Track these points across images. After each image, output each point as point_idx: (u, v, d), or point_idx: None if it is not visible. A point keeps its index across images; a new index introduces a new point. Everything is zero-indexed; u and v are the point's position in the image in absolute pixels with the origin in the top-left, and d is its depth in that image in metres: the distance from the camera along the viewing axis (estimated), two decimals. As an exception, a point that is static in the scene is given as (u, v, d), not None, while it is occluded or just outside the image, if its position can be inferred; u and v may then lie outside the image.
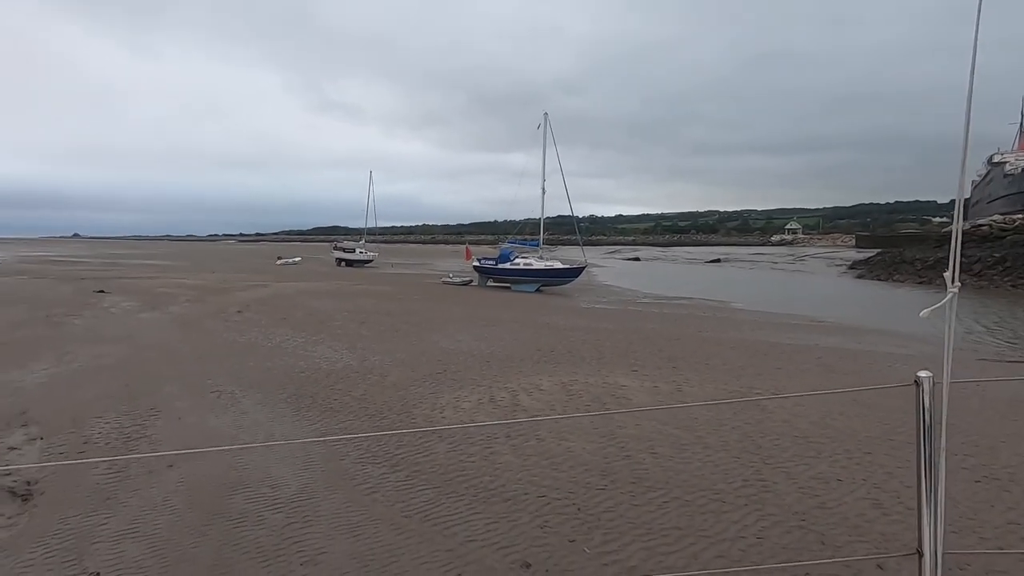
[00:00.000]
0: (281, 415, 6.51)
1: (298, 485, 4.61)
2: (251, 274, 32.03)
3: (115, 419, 6.24)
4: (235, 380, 7.97)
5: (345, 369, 8.78)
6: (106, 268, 35.27)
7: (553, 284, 26.90)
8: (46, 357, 9.20)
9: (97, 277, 26.89)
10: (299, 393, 7.38)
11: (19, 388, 7.38)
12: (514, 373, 8.65)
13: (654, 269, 53.92)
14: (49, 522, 4.02)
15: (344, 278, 30.77)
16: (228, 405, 6.84)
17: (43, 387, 7.48)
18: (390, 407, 6.83)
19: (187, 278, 27.52)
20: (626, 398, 7.37)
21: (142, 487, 4.57)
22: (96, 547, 3.69)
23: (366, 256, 45.64)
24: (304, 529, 3.92)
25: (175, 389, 7.46)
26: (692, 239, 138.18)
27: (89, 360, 9.06)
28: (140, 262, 44.99)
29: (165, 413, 6.48)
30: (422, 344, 11.00)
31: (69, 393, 7.21)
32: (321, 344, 10.76)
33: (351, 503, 4.32)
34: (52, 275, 27.97)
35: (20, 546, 3.72)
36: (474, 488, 4.61)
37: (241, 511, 4.16)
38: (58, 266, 36.62)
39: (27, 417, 6.24)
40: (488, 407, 6.89)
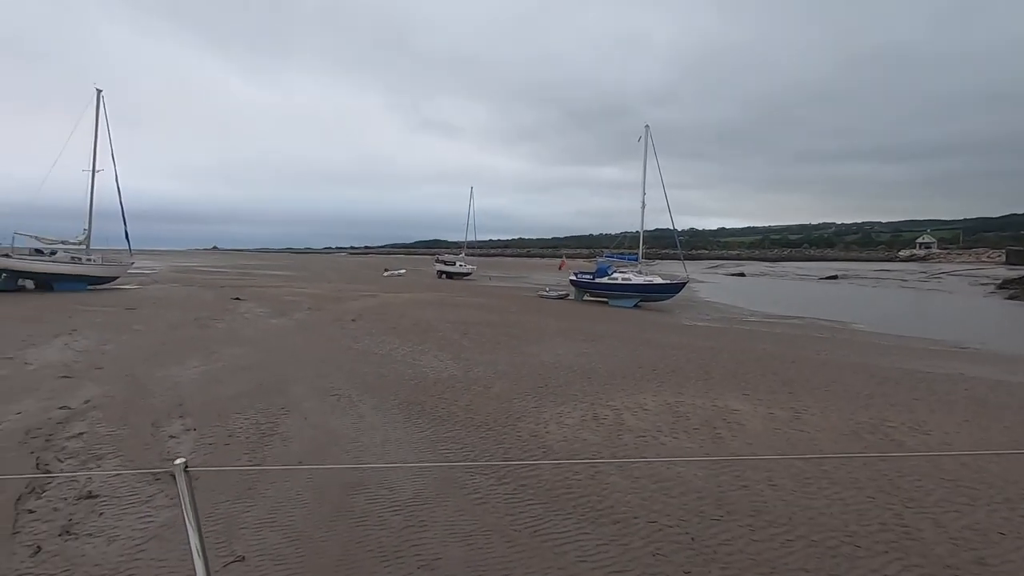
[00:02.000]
0: (394, 420, 6.86)
1: (413, 490, 4.83)
2: (362, 284, 34.27)
3: (252, 415, 6.92)
4: (352, 384, 8.54)
5: (451, 379, 9.09)
6: (240, 277, 39.38)
7: (652, 300, 26.15)
8: (197, 356, 10.43)
9: (233, 285, 30.09)
10: (409, 400, 7.75)
11: (177, 383, 8.42)
12: (616, 390, 8.50)
13: (761, 285, 50.66)
14: (203, 505, 4.52)
15: (445, 290, 31.99)
16: (347, 408, 7.33)
17: (195, 383, 8.47)
18: (495, 419, 6.97)
19: (307, 287, 30.00)
20: (739, 423, 6.96)
21: (278, 480, 5.02)
22: (242, 532, 4.10)
23: (465, 269, 47.17)
24: (421, 533, 4.09)
25: (301, 390, 8.13)
26: (804, 254, 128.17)
27: (230, 360, 10.15)
28: (267, 272, 49.73)
29: (293, 412, 7.08)
30: (522, 357, 11.14)
31: (215, 389, 8.11)
32: (427, 353, 11.24)
33: (463, 512, 4.45)
34: (197, 283, 31.72)
35: (180, 526, 4.21)
36: (581, 507, 4.57)
37: (364, 510, 4.43)
38: (201, 275, 41.46)
39: (183, 409, 7.10)
40: (592, 425, 6.81)
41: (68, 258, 25.08)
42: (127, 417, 6.72)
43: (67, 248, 25.48)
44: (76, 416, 6.70)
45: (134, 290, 25.87)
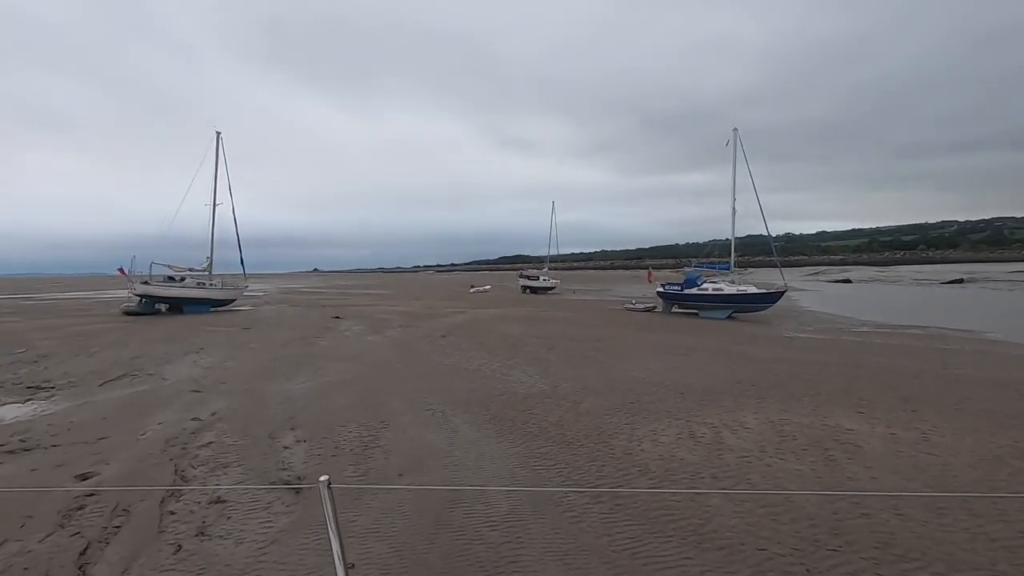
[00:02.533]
0: (487, 435, 6.98)
1: (508, 506, 4.87)
2: (449, 301, 35.34)
3: (355, 428, 7.32)
4: (445, 399, 8.80)
5: (539, 394, 9.12)
6: (338, 297, 42.00)
7: (747, 310, 24.78)
8: (304, 372, 11.23)
9: (333, 305, 32.14)
10: (500, 415, 7.86)
11: (289, 397, 9.10)
12: (713, 407, 8.12)
13: (871, 292, 46.45)
14: (316, 514, 4.83)
15: (530, 305, 32.21)
16: (441, 423, 7.56)
17: (304, 397, 9.11)
18: (586, 435, 6.89)
19: (399, 305, 31.41)
20: (854, 445, 6.40)
21: (380, 492, 5.26)
22: (350, 541, 4.33)
23: (549, 283, 47.28)
24: (518, 550, 4.12)
25: (399, 405, 8.50)
26: (920, 256, 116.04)
27: (334, 375, 10.83)
28: (362, 292, 52.66)
29: (392, 426, 7.41)
30: (612, 372, 10.95)
31: (322, 403, 8.68)
32: (515, 369, 11.36)
33: (559, 530, 4.42)
34: (302, 304, 34.20)
35: (297, 531, 4.54)
36: (682, 530, 4.39)
37: (462, 524, 4.54)
38: (304, 296, 44.65)
39: (295, 422, 7.66)
40: (688, 443, 6.54)
41: (195, 284, 28.06)
42: (247, 428, 7.35)
43: (193, 274, 28.51)
44: (205, 427, 7.43)
45: (248, 311, 28.37)
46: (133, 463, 6.08)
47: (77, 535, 4.42)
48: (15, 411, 8.33)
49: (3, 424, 7.63)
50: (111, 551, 4.19)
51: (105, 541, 4.34)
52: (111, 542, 4.33)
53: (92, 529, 4.52)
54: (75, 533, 4.45)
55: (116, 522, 4.65)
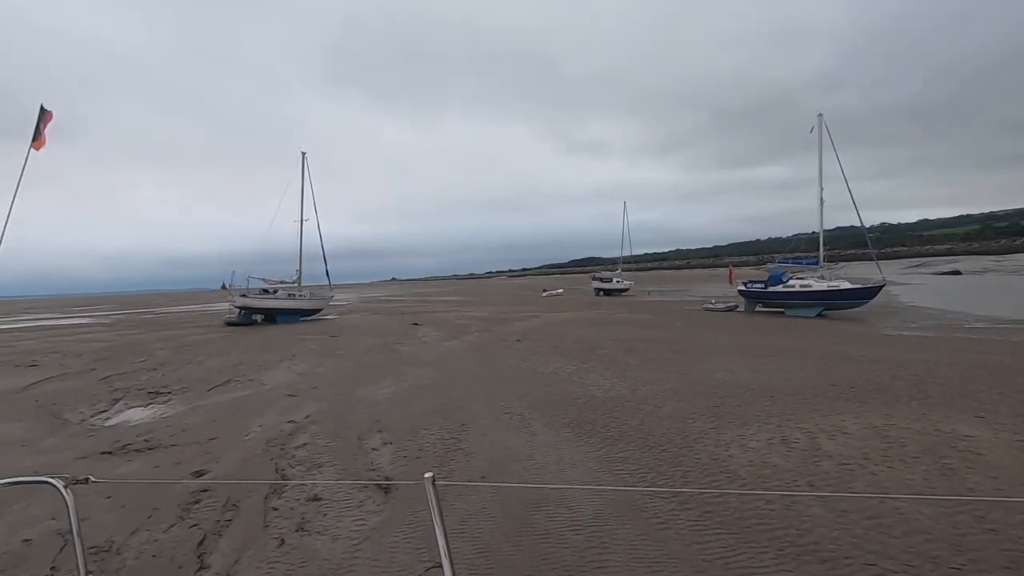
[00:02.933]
0: (566, 439, 6.95)
1: (592, 510, 4.82)
2: (523, 306, 35.57)
3: (437, 431, 7.53)
4: (523, 403, 8.85)
5: (618, 398, 8.96)
6: (416, 304, 43.45)
7: (840, 307, 23.11)
8: (387, 377, 11.70)
9: (411, 312, 33.28)
10: (579, 419, 7.80)
11: (375, 401, 9.52)
12: (807, 411, 7.64)
13: (986, 284, 41.93)
14: (403, 514, 5.01)
15: (605, 307, 31.79)
16: (520, 426, 7.62)
17: (388, 401, 9.49)
18: (670, 440, 6.69)
19: (474, 311, 32.02)
20: (975, 452, 5.79)
21: (464, 493, 5.37)
22: (438, 540, 4.45)
23: (623, 285, 46.46)
24: (604, 555, 4.06)
25: (478, 408, 8.65)
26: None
27: (415, 380, 11.21)
28: (438, 298, 54.16)
29: (473, 429, 7.55)
30: (693, 374, 10.57)
31: (405, 407, 9.00)
32: (592, 372, 11.24)
33: (645, 536, 4.32)
34: (382, 311, 35.68)
35: (387, 530, 4.72)
36: (779, 541, 4.15)
37: (545, 527, 4.54)
38: (384, 304, 46.54)
39: (381, 425, 7.99)
40: (781, 449, 6.19)
41: (286, 295, 30.06)
42: (338, 431, 7.76)
43: (285, 286, 30.54)
44: (300, 429, 7.92)
45: (334, 320, 29.97)
46: (239, 462, 6.59)
47: (195, 527, 4.84)
48: (140, 414, 9.27)
49: (130, 426, 8.51)
50: (224, 543, 4.55)
51: (219, 533, 4.72)
52: (223, 534, 4.71)
53: (207, 522, 4.94)
54: (193, 525, 4.88)
55: (227, 516, 5.05)
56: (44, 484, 1.85)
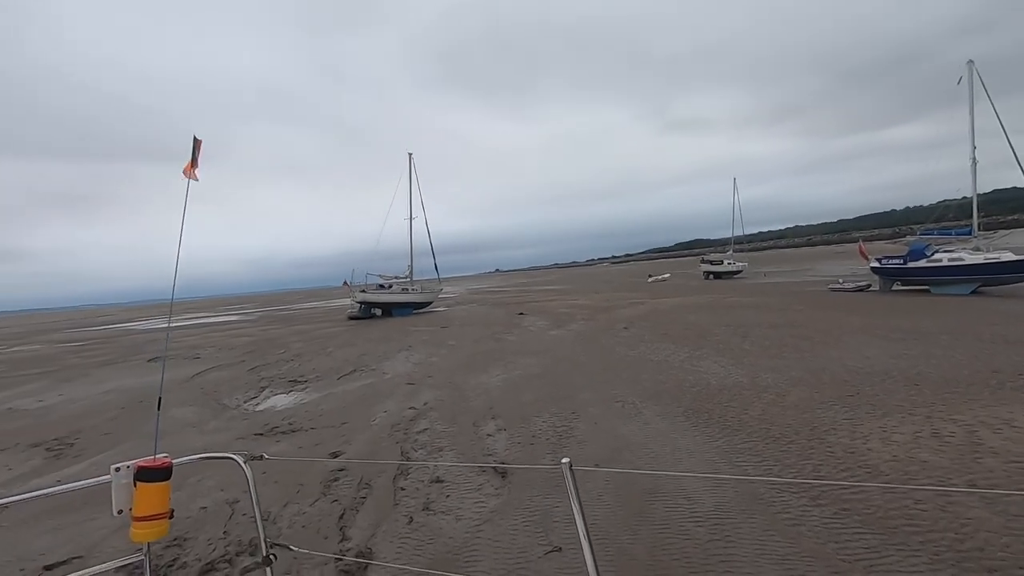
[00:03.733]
0: (680, 428, 6.75)
1: (712, 502, 4.65)
2: (627, 292, 34.84)
3: (548, 418, 7.64)
4: (633, 391, 8.71)
5: (736, 386, 8.52)
6: (520, 295, 44.16)
7: (1002, 282, 20.03)
8: (497, 366, 12.06)
9: (516, 302, 33.89)
10: (694, 408, 7.52)
11: (486, 389, 9.86)
12: (962, 401, 6.75)
13: None
14: (521, 498, 5.17)
15: (716, 291, 30.23)
16: (631, 414, 7.51)
17: (499, 389, 9.79)
18: (796, 431, 6.25)
19: (578, 299, 31.91)
20: None
21: (582, 479, 5.40)
22: (555, 525, 4.54)
23: (735, 267, 43.84)
24: (728, 549, 3.91)
25: (587, 396, 8.65)
26: None
27: (524, 369, 11.44)
28: (541, 288, 54.61)
29: (583, 417, 7.57)
30: (819, 361, 9.75)
31: (516, 395, 9.22)
32: (705, 359, 10.77)
33: (773, 532, 4.09)
34: (488, 303, 36.71)
35: (507, 512, 4.90)
36: (933, 544, 3.74)
37: (663, 518, 4.46)
38: (489, 295, 47.82)
39: (494, 412, 8.27)
40: (931, 443, 5.54)
41: (400, 289, 31.96)
42: (455, 417, 8.15)
43: (398, 281, 32.48)
44: (420, 415, 8.41)
45: (444, 312, 31.36)
46: (369, 444, 7.16)
47: (335, 502, 5.35)
48: (283, 400, 10.37)
49: (276, 411, 9.55)
50: (361, 517, 4.99)
51: (356, 509, 5.18)
52: (360, 510, 5.15)
53: (346, 498, 5.43)
54: (334, 500, 5.40)
55: (362, 493, 5.52)
56: (227, 460, 2.16)
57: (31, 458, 7.78)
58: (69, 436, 8.80)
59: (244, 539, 4.70)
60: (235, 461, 2.13)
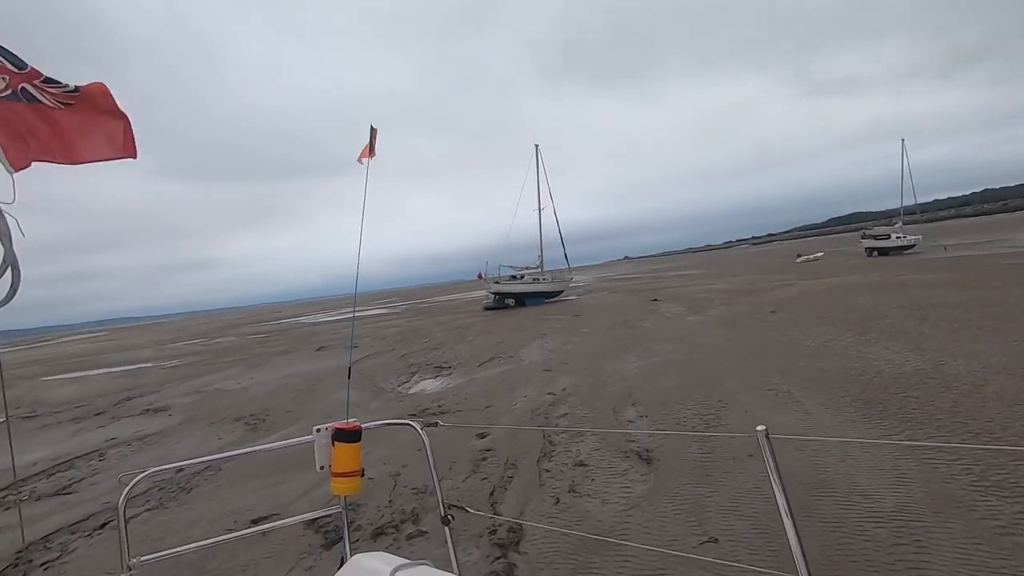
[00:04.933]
0: (849, 419, 6.06)
1: (894, 501, 4.12)
2: (772, 274, 32.11)
3: (693, 406, 7.31)
4: (788, 379, 8.01)
5: (916, 374, 7.45)
6: (652, 281, 42.74)
7: None
8: (633, 352, 11.81)
9: (648, 289, 32.88)
10: (864, 398, 6.71)
11: (623, 375, 9.71)
12: None
13: None
14: (668, 485, 5.01)
15: (881, 269, 26.69)
16: (788, 403, 6.90)
17: (637, 375, 9.58)
18: (1002, 426, 5.30)
19: (715, 283, 30.09)
20: None
21: (732, 471, 5.11)
22: (709, 516, 4.33)
23: (905, 241, 38.32)
24: (919, 555, 3.43)
25: (734, 384, 8.13)
26: None
27: (662, 355, 11.06)
28: (674, 273, 52.37)
29: (731, 406, 7.12)
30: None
31: (655, 381, 8.96)
32: (875, 344, 9.55)
33: (977, 540, 3.51)
34: (619, 290, 36.06)
35: (654, 499, 4.77)
36: None
37: (835, 515, 4.04)
38: (620, 283, 46.93)
39: (633, 398, 8.11)
40: None
41: (531, 280, 32.63)
42: (593, 403, 8.13)
43: (530, 272, 33.17)
44: (559, 401, 8.52)
45: (575, 300, 31.42)
46: (512, 427, 7.41)
47: (485, 480, 5.62)
48: (431, 384, 11.13)
49: (425, 394, 10.28)
50: (510, 495, 5.18)
51: (504, 487, 5.40)
52: (508, 488, 5.36)
53: (494, 477, 5.69)
54: (484, 478, 5.67)
55: (509, 473, 5.74)
56: (407, 426, 2.37)
57: (235, 430, 9.22)
58: (260, 413, 10.28)
59: (407, 508, 5.12)
60: (413, 427, 2.32)
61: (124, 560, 1.76)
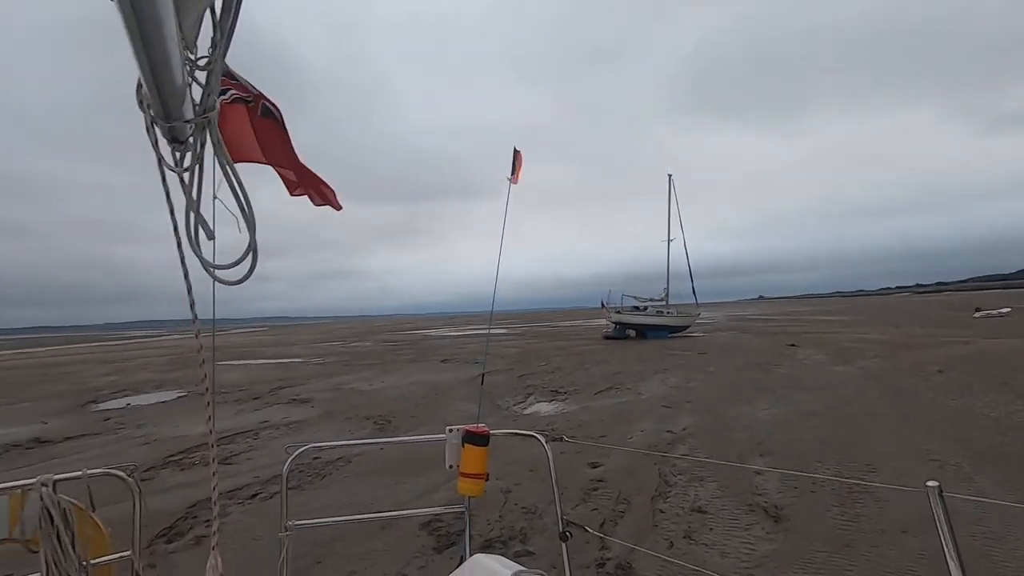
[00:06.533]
0: (1040, 509, 5.05)
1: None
2: (941, 328, 27.88)
3: (833, 466, 6.56)
4: (957, 450, 6.88)
5: None
6: (790, 324, 39.24)
7: None
8: (764, 398, 10.91)
9: (785, 332, 30.23)
10: (1062, 485, 5.56)
11: (751, 421, 9.00)
12: None
13: None
14: (799, 549, 4.53)
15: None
16: (956, 478, 5.92)
17: (768, 423, 8.82)
18: None
19: (868, 332, 26.85)
20: None
21: (880, 544, 4.49)
22: None
23: None
24: None
25: (887, 447, 7.16)
26: None
27: (798, 405, 10.09)
28: (817, 318, 47.57)
29: (882, 472, 6.28)
30: None
31: (789, 433, 8.19)
32: (1081, 423, 7.88)
33: None
34: (752, 331, 33.58)
35: (781, 562, 4.34)
36: None
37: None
38: (753, 323, 43.68)
39: (762, 448, 7.48)
40: None
41: (655, 312, 31.59)
42: (715, 447, 7.63)
43: (654, 304, 32.15)
44: (678, 440, 8.12)
45: (702, 337, 29.80)
46: (626, 460, 7.20)
47: (595, 510, 5.52)
48: (545, 407, 11.20)
49: (540, 415, 10.36)
50: (620, 530, 5.03)
51: (614, 521, 5.25)
52: (618, 523, 5.21)
53: (604, 509, 5.56)
54: (593, 508, 5.57)
55: (620, 507, 5.58)
56: (531, 438, 2.44)
57: (365, 427, 10.00)
58: (387, 415, 11.04)
59: (516, 526, 5.19)
60: (538, 440, 2.38)
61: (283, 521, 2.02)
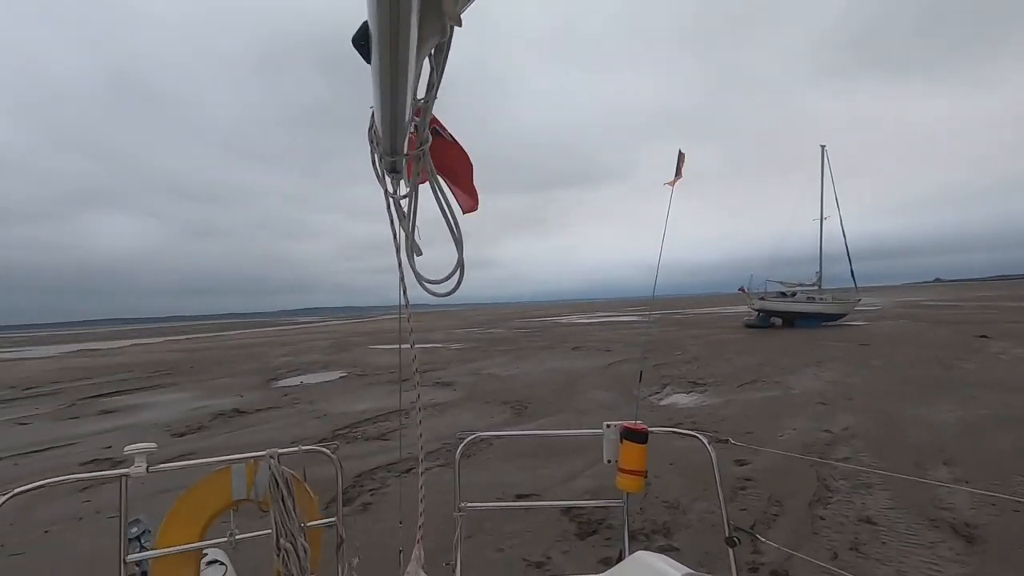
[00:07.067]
0: None
1: None
2: None
3: (1045, 483, 5.54)
4: None
5: None
6: (978, 312, 33.47)
7: None
8: (947, 398, 9.48)
9: (972, 321, 25.92)
10: None
11: (931, 425, 7.89)
12: None
13: None
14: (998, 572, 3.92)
15: None
16: None
17: (952, 428, 7.67)
18: None
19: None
20: None
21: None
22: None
23: None
24: None
25: (1123, 466, 5.88)
26: None
27: (991, 408, 8.64)
28: (1013, 304, 40.00)
29: (1116, 494, 5.17)
30: None
31: (981, 441, 7.05)
32: None
33: None
34: (926, 319, 29.22)
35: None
36: None
37: None
38: (926, 310, 37.97)
39: (946, 456, 6.53)
40: None
41: (805, 298, 28.78)
42: (885, 451, 6.82)
43: (804, 289, 29.29)
44: (838, 440, 7.38)
45: (862, 326, 26.59)
46: (777, 459, 6.71)
47: (744, 511, 5.24)
48: (683, 399, 10.81)
49: (678, 408, 10.03)
50: (773, 534, 4.73)
51: (766, 524, 4.95)
52: (771, 527, 4.90)
53: (755, 510, 5.26)
54: (742, 509, 5.30)
55: (773, 510, 5.24)
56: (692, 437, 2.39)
57: (503, 411, 10.45)
58: (523, 400, 11.41)
59: (658, 520, 5.11)
60: (701, 440, 2.33)
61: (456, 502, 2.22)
